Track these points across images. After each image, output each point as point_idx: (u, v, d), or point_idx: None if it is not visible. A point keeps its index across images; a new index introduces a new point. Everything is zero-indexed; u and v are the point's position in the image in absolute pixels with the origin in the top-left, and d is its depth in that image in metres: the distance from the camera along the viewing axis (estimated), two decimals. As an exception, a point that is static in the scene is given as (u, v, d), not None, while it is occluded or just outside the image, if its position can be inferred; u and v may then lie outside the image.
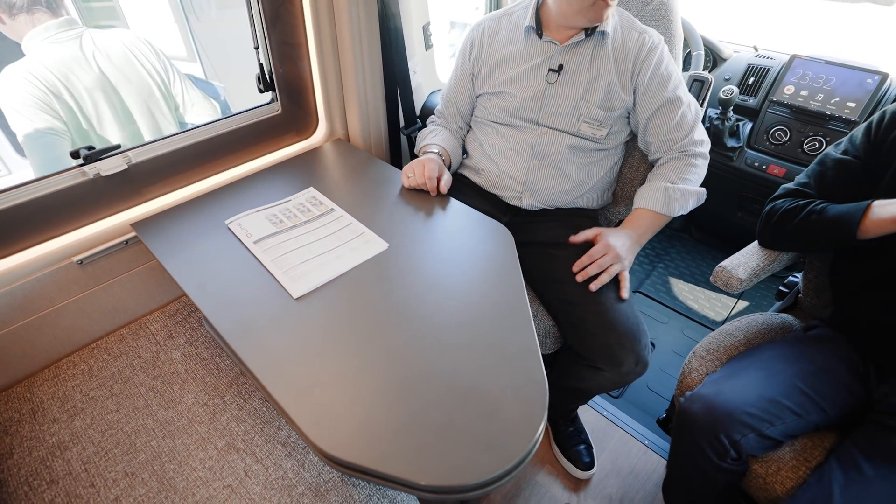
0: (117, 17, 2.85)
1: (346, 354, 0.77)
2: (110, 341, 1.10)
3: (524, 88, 1.14)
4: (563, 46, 1.11)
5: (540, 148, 1.16)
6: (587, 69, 1.10)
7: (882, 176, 0.89)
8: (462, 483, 0.62)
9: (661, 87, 1.09)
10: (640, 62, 1.08)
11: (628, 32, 1.10)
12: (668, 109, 1.10)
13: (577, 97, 1.11)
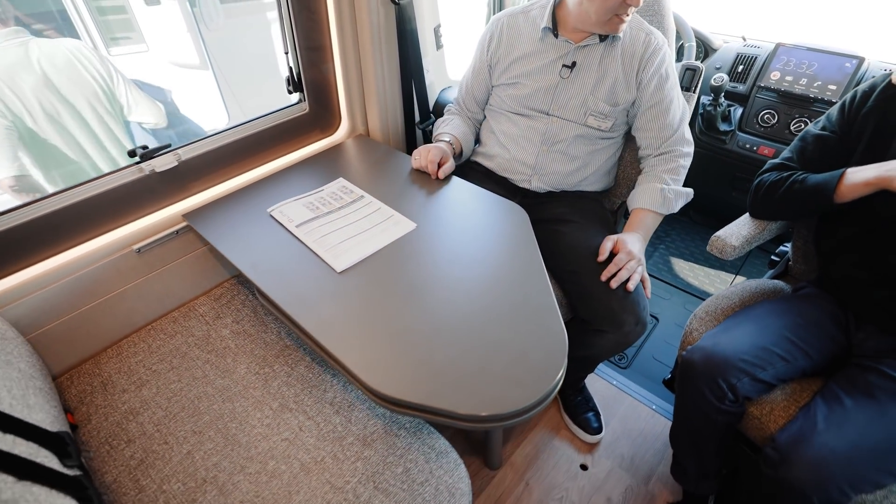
0: (133, 29, 2.97)
1: (388, 315, 0.89)
2: (164, 323, 1.21)
3: (538, 81, 1.25)
4: (577, 46, 1.21)
5: (549, 135, 1.27)
6: (597, 67, 1.21)
7: (856, 147, 1.00)
8: (496, 413, 0.73)
9: (659, 86, 1.19)
10: (645, 61, 1.18)
11: (636, 33, 1.20)
12: (663, 107, 1.20)
13: (586, 92, 1.22)
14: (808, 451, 0.82)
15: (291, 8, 1.20)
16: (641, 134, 1.26)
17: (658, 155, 1.25)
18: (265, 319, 1.21)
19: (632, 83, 1.21)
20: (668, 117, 1.21)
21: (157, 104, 1.83)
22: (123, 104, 1.69)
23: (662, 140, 1.23)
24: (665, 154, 1.25)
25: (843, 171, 0.95)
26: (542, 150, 1.29)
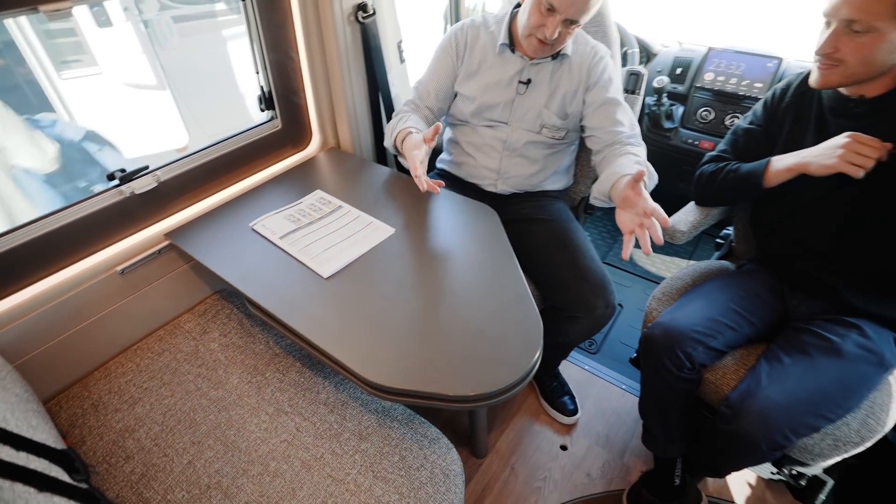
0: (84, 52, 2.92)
1: (376, 313, 0.95)
2: (151, 341, 1.23)
3: (497, 95, 1.33)
4: (532, 62, 1.29)
5: (510, 143, 1.37)
6: (549, 83, 1.31)
7: (778, 138, 1.14)
8: (483, 392, 0.81)
9: (604, 88, 1.28)
10: (591, 68, 1.28)
11: (582, 48, 1.30)
12: (611, 106, 1.27)
13: (540, 106, 1.32)
14: (755, 404, 0.94)
15: (261, 30, 1.25)
16: (596, 133, 1.29)
17: (612, 144, 1.26)
18: (252, 331, 1.25)
19: (580, 92, 1.30)
20: (616, 116, 1.27)
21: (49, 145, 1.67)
22: None
23: (616, 135, 1.25)
24: (620, 144, 1.25)
25: (768, 160, 1.09)
26: (504, 156, 1.39)
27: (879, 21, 0.83)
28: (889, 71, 0.92)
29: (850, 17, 0.86)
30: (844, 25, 0.87)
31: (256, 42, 1.27)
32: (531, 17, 1.16)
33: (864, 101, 0.97)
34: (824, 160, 0.97)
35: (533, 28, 1.17)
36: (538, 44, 1.19)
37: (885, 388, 1.02)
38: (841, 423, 0.97)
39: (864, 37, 0.86)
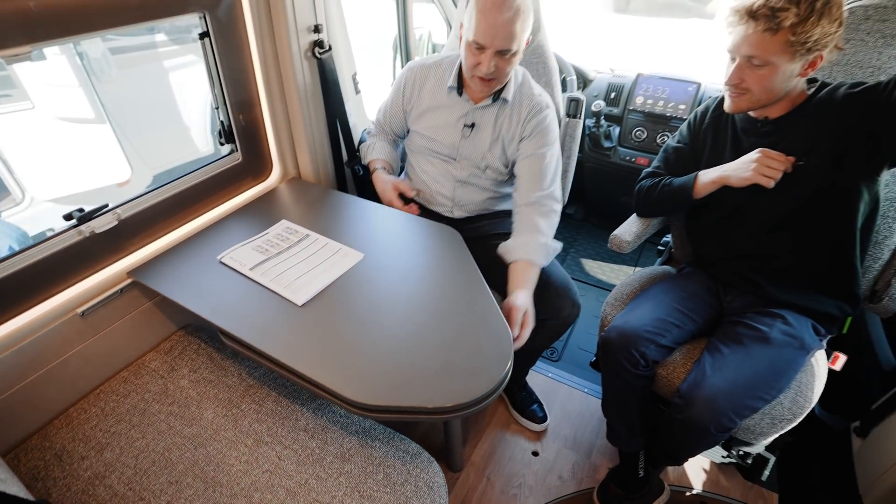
0: (14, 86, 2.79)
1: (353, 335, 0.99)
2: (114, 384, 1.19)
3: (445, 136, 1.40)
4: (476, 106, 1.35)
5: (460, 177, 1.44)
6: (492, 127, 1.36)
7: (702, 155, 1.29)
8: (461, 402, 0.86)
9: (537, 140, 1.32)
10: (528, 120, 1.33)
11: (527, 96, 1.34)
12: (538, 160, 1.32)
13: (484, 150, 1.38)
14: (702, 392, 1.05)
15: (220, 66, 1.28)
16: (518, 180, 1.35)
17: (531, 204, 1.30)
18: (224, 364, 1.24)
19: (516, 141, 1.35)
20: (541, 170, 1.31)
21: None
22: None
23: (534, 190, 1.30)
24: (535, 205, 1.30)
25: (696, 174, 1.23)
26: (457, 186, 1.46)
27: (773, 56, 0.99)
28: (787, 95, 1.09)
29: (749, 53, 1.01)
30: (746, 60, 1.03)
31: (215, 78, 1.30)
32: (467, 59, 1.23)
33: (769, 122, 1.13)
34: (741, 173, 1.11)
35: (471, 68, 1.23)
36: (481, 82, 1.24)
37: (809, 368, 1.17)
38: (775, 402, 1.10)
39: (763, 69, 1.01)
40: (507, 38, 1.15)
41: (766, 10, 0.94)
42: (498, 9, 1.12)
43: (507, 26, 1.13)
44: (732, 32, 1.03)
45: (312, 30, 1.39)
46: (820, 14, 0.92)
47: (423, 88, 1.42)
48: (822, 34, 0.94)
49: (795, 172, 1.08)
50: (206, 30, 1.22)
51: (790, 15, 0.93)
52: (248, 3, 1.26)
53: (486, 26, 1.14)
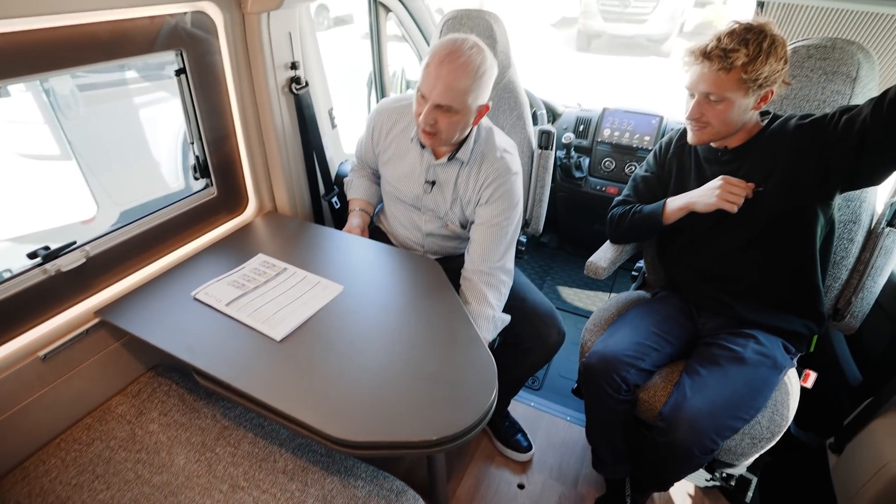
0: (-27, 124, 2.70)
1: (334, 370, 0.97)
2: (77, 431, 1.12)
3: (408, 188, 1.35)
4: (437, 163, 1.27)
5: (426, 229, 1.40)
6: (453, 187, 1.29)
7: (669, 183, 1.35)
8: (447, 434, 0.85)
9: (493, 207, 1.24)
10: (488, 184, 1.24)
11: (490, 158, 1.24)
12: (493, 230, 1.24)
13: (445, 207, 1.33)
14: (684, 415, 1.06)
15: (196, 102, 1.28)
16: (471, 245, 1.28)
17: (481, 273, 1.24)
18: (196, 405, 1.18)
19: (472, 204, 1.29)
20: (495, 240, 1.24)
21: None
22: None
23: (486, 261, 1.24)
24: (487, 275, 1.24)
25: (664, 201, 1.29)
26: (425, 235, 1.43)
27: (728, 92, 1.06)
28: (743, 126, 1.16)
29: (706, 90, 1.08)
30: (704, 97, 1.10)
31: (191, 113, 1.29)
32: (414, 107, 1.17)
33: (729, 151, 1.20)
34: (706, 199, 1.17)
35: (416, 117, 1.17)
36: (423, 133, 1.18)
37: (783, 387, 1.20)
38: (754, 422, 1.12)
39: (721, 104, 1.08)
40: (444, 92, 1.08)
41: (719, 52, 1.02)
42: (445, 62, 1.08)
43: (450, 81, 1.07)
44: (689, 71, 1.11)
45: (290, 66, 1.42)
46: (767, 53, 1.01)
47: (391, 134, 1.36)
48: (770, 71, 1.02)
49: (756, 198, 1.14)
50: (182, 66, 1.23)
51: (741, 55, 1.01)
52: (226, 40, 1.27)
53: (429, 76, 1.10)
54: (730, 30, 1.04)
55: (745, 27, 1.03)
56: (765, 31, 1.02)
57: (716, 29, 1.08)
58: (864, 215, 1.27)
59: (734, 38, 1.02)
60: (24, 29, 0.91)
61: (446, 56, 1.08)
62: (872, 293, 1.25)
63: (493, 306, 1.23)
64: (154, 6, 1.08)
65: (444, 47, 1.10)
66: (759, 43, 1.01)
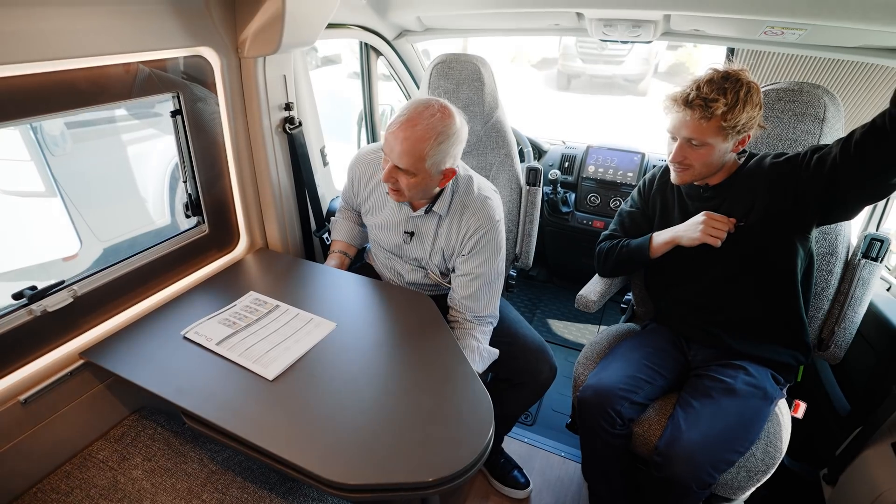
0: (-43, 162, 2.69)
1: (329, 410, 0.95)
2: (55, 480, 1.07)
3: (388, 238, 1.37)
4: (414, 215, 1.28)
5: (409, 279, 1.41)
6: (432, 238, 1.30)
7: (654, 218, 1.40)
8: (445, 475, 0.83)
9: (475, 259, 1.24)
10: (470, 235, 1.23)
11: (471, 208, 1.23)
12: (475, 280, 1.25)
13: (425, 257, 1.33)
14: (680, 449, 1.06)
15: (190, 142, 1.29)
16: (455, 293, 1.29)
17: (467, 321, 1.27)
18: (182, 449, 1.14)
19: (454, 254, 1.28)
20: (478, 291, 1.25)
21: None
22: None
23: (469, 310, 1.27)
24: (473, 322, 1.27)
25: (650, 236, 1.32)
26: (406, 283, 1.43)
27: (709, 138, 1.11)
28: (723, 166, 1.21)
29: (688, 136, 1.13)
30: (686, 141, 1.15)
31: (185, 152, 1.31)
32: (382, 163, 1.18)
33: (710, 188, 1.25)
34: (690, 234, 1.21)
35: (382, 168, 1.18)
36: (389, 190, 1.20)
37: (775, 418, 1.21)
38: (749, 454, 1.12)
39: (702, 149, 1.14)
40: (401, 156, 1.10)
41: (700, 101, 1.08)
42: (404, 126, 1.09)
43: (406, 147, 1.09)
44: (671, 116, 1.16)
45: (284, 107, 1.45)
46: (744, 102, 1.07)
47: (369, 184, 1.37)
48: (748, 118, 1.08)
49: (738, 232, 1.19)
50: (178, 108, 1.25)
51: (720, 105, 1.06)
52: (222, 83, 1.31)
53: (389, 138, 1.12)
54: (708, 78, 1.09)
55: (722, 76, 1.09)
56: (741, 79, 1.08)
57: (687, 70, 1.14)
58: (841, 248, 1.32)
59: (713, 88, 1.07)
60: (29, 73, 0.92)
61: (406, 121, 1.09)
62: (854, 323, 1.29)
63: (480, 339, 1.25)
64: (155, 51, 1.11)
65: (407, 112, 1.11)
66: (736, 91, 1.06)
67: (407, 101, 2.09)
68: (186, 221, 1.42)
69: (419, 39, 2.07)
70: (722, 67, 1.11)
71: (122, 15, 1.03)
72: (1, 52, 0.86)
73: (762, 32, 1.43)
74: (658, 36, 1.63)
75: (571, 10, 1.60)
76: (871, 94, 1.55)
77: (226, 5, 1.23)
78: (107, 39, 1.02)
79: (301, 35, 1.27)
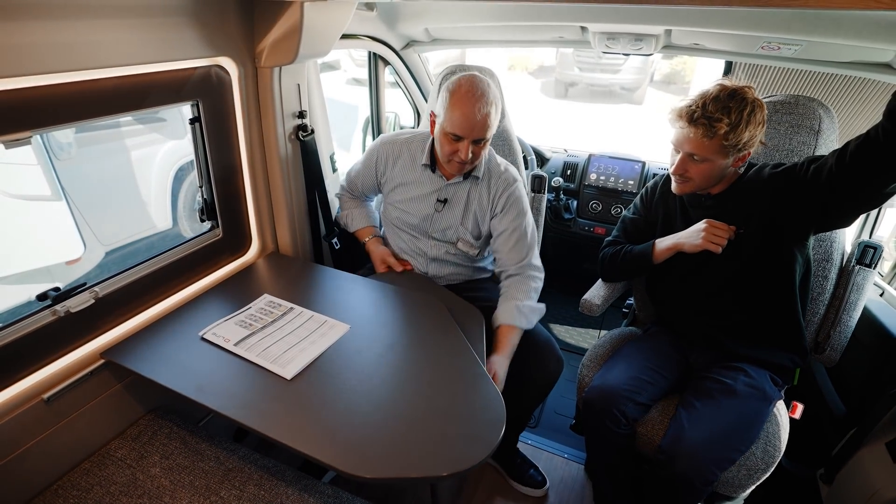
0: (-34, 166, 2.71)
1: (346, 407, 0.99)
2: (75, 477, 1.10)
3: (418, 209, 1.49)
4: (448, 183, 1.45)
5: (432, 255, 1.52)
6: (464, 202, 1.46)
7: (656, 225, 1.44)
8: (462, 468, 0.87)
9: (509, 214, 1.42)
10: (498, 196, 1.43)
11: (495, 172, 1.45)
12: (513, 234, 1.42)
13: (456, 223, 1.47)
14: (683, 447, 1.10)
15: (208, 149, 1.33)
16: (497, 255, 1.47)
17: (511, 276, 1.43)
18: (198, 447, 1.17)
19: (488, 217, 1.45)
20: (517, 243, 1.42)
21: None
22: None
23: (513, 263, 1.42)
24: (517, 276, 1.42)
25: (653, 242, 1.37)
26: (429, 262, 1.53)
27: (710, 155, 1.16)
28: (724, 178, 1.26)
29: (690, 151, 1.18)
30: (688, 156, 1.19)
31: (202, 159, 1.35)
32: (444, 147, 1.34)
33: (711, 197, 1.30)
34: (692, 240, 1.25)
35: (449, 155, 1.34)
36: (458, 165, 1.35)
37: (774, 419, 1.25)
38: (749, 453, 1.16)
39: (703, 164, 1.18)
40: (483, 129, 1.27)
41: (704, 120, 1.12)
42: (473, 104, 1.24)
43: (484, 119, 1.26)
44: (674, 130, 1.21)
45: (297, 115, 1.49)
46: (747, 122, 1.11)
47: (396, 164, 1.52)
48: (749, 136, 1.13)
49: (738, 240, 1.23)
50: (197, 115, 1.29)
51: (723, 125, 1.10)
52: (239, 92, 1.35)
53: (463, 119, 1.25)
54: (714, 95, 1.12)
55: (728, 93, 1.12)
56: (746, 98, 1.11)
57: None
58: (836, 254, 1.37)
59: (718, 107, 1.11)
60: (59, 82, 0.96)
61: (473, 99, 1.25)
62: (849, 327, 1.33)
63: (528, 297, 1.40)
64: (178, 61, 1.15)
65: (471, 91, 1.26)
66: (740, 111, 1.10)
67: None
68: (191, 227, 1.45)
69: (426, 49, 2.12)
70: (730, 83, 1.14)
71: (149, 27, 1.07)
72: (36, 63, 0.90)
73: (760, 47, 1.49)
74: (659, 49, 1.69)
75: (576, 24, 1.65)
76: (864, 106, 1.61)
77: (245, 18, 1.28)
78: (132, 50, 1.06)
79: (317, 46, 1.32)
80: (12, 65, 0.86)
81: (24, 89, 0.92)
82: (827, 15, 1.21)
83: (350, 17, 1.34)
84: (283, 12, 1.23)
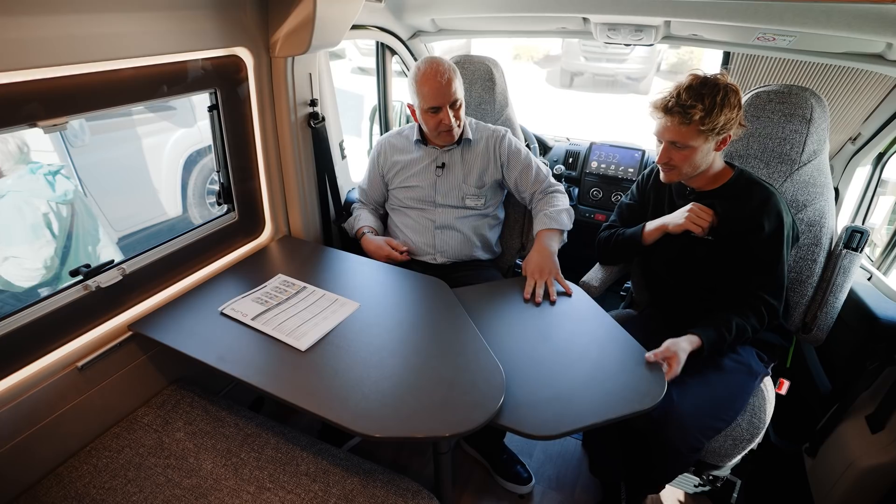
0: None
1: (358, 376, 1.07)
2: (106, 440, 1.19)
3: (422, 179, 1.64)
4: (442, 150, 1.62)
5: (440, 221, 1.63)
6: (461, 163, 1.63)
7: (648, 209, 1.50)
8: (463, 430, 0.94)
9: (515, 157, 1.64)
10: (497, 147, 1.64)
11: (484, 132, 1.67)
12: (527, 170, 1.64)
13: (459, 182, 1.63)
14: (671, 417, 1.17)
15: (225, 135, 1.40)
16: (524, 195, 1.67)
17: (535, 195, 1.64)
18: (220, 415, 1.26)
19: (493, 166, 1.64)
20: (532, 174, 1.64)
21: None
22: None
23: (539, 184, 1.64)
24: (542, 198, 1.64)
25: (643, 224, 1.43)
26: (437, 234, 1.63)
27: (691, 140, 1.21)
28: (710, 169, 1.30)
29: (671, 139, 1.23)
30: (670, 144, 1.25)
31: (219, 145, 1.42)
32: (429, 124, 1.53)
33: (696, 192, 1.35)
34: (676, 220, 1.32)
35: (435, 128, 1.52)
36: (447, 134, 1.53)
37: (760, 393, 1.32)
38: (735, 424, 1.23)
39: (686, 150, 1.23)
40: (451, 91, 1.47)
41: (678, 108, 1.17)
42: (435, 76, 1.45)
43: (449, 83, 1.46)
44: (655, 121, 1.26)
45: (309, 104, 1.56)
46: (721, 106, 1.15)
47: (395, 152, 1.70)
48: (725, 120, 1.17)
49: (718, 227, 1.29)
50: (215, 103, 1.36)
51: (697, 111, 1.15)
52: (254, 81, 1.41)
53: (432, 90, 1.46)
54: (687, 84, 1.18)
55: (700, 81, 1.17)
56: (718, 84, 1.16)
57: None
58: (825, 239, 1.43)
59: (691, 94, 1.16)
60: (87, 72, 1.03)
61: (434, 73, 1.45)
62: (835, 308, 1.39)
63: (546, 210, 1.59)
64: (198, 52, 1.22)
65: (430, 67, 1.46)
66: (713, 96, 1.15)
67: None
68: (200, 214, 1.53)
69: (432, 39, 2.17)
70: (702, 73, 1.19)
71: (173, 20, 1.14)
72: (71, 54, 0.97)
73: (755, 38, 1.53)
74: (659, 40, 1.73)
75: (578, 15, 1.70)
76: (855, 96, 1.65)
77: (260, 10, 1.34)
78: (156, 41, 1.12)
79: (328, 36, 1.38)
80: (48, 55, 0.94)
81: (62, 78, 0.99)
82: (817, 7, 1.26)
83: (360, 8, 1.40)
84: (297, 4, 1.29)
